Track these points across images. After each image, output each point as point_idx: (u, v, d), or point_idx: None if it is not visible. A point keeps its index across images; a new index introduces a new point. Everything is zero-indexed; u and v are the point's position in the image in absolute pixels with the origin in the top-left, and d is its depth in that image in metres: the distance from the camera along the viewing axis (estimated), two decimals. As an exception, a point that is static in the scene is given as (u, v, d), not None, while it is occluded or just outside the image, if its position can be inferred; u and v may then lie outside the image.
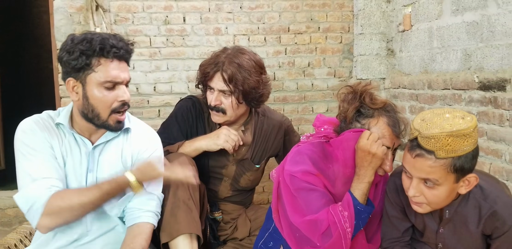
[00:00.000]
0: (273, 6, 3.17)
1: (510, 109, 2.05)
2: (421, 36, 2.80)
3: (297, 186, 1.40)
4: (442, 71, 2.58)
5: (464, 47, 2.38)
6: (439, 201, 1.27)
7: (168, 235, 1.62)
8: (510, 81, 2.04)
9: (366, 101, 1.42)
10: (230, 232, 2.01)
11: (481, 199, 1.33)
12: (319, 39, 3.25)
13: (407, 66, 3.00)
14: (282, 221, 1.51)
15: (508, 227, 1.30)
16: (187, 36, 3.10)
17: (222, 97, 1.90)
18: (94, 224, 1.55)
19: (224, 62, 1.86)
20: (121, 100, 1.49)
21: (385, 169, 1.42)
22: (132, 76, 3.02)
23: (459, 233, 1.37)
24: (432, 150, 1.20)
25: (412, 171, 1.26)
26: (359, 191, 1.35)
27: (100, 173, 1.55)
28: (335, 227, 1.32)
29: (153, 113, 3.11)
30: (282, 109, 3.22)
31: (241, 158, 2.04)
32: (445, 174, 1.22)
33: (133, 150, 1.60)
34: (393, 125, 1.41)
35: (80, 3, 2.95)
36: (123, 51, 1.48)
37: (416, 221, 1.45)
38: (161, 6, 3.05)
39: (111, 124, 1.51)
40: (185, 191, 1.68)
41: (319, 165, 1.43)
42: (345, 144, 1.39)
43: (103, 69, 1.45)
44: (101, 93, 1.46)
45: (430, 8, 2.67)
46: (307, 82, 3.26)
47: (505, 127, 2.09)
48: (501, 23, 2.12)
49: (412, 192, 1.27)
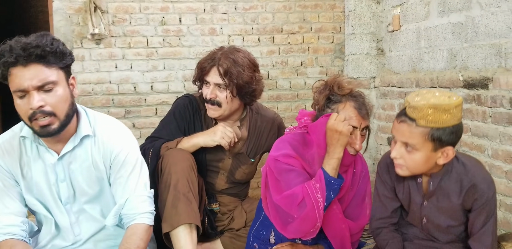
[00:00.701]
0: (267, 7, 3.26)
1: (492, 106, 2.15)
2: (409, 36, 2.90)
3: (279, 169, 1.55)
4: (429, 70, 2.68)
5: (450, 47, 2.48)
6: (416, 166, 1.41)
7: (169, 225, 1.73)
8: (492, 79, 2.14)
9: (335, 89, 1.59)
10: (227, 222, 2.11)
11: (463, 174, 1.46)
12: (312, 39, 3.35)
13: (396, 65, 3.10)
14: (269, 205, 1.63)
15: (485, 199, 1.43)
16: (183, 36, 3.18)
17: (217, 91, 2.02)
18: (84, 229, 1.61)
19: (220, 58, 1.99)
20: (31, 108, 1.40)
21: (355, 148, 1.57)
22: (129, 75, 3.16)
23: (442, 206, 1.49)
24: (415, 118, 1.36)
25: (396, 135, 1.43)
26: (329, 166, 1.50)
27: (75, 181, 1.56)
28: (308, 198, 1.46)
29: (150, 112, 3.20)
30: (275, 107, 3.32)
31: (237, 152, 2.14)
32: (423, 141, 1.37)
33: (104, 154, 1.57)
34: (359, 108, 1.57)
35: (79, 5, 3.03)
36: (21, 56, 1.36)
37: (403, 197, 1.56)
38: (157, 7, 3.13)
39: (37, 130, 1.44)
40: (185, 184, 1.78)
41: (299, 150, 1.59)
42: (318, 128, 1.55)
43: (11, 80, 1.40)
44: (16, 101, 1.42)
45: (418, 9, 2.78)
46: (300, 81, 3.36)
47: (487, 123, 2.19)
48: (484, 24, 2.22)
49: (394, 154, 1.43)
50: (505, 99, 2.07)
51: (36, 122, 1.42)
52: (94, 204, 1.60)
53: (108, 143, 1.57)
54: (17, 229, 1.50)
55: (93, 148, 1.57)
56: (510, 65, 2.08)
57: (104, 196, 1.61)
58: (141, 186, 1.60)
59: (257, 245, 1.75)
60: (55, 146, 1.53)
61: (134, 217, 1.56)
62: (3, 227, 1.48)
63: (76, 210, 1.59)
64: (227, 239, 2.03)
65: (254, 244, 1.75)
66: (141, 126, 3.17)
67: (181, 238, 1.73)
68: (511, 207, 2.09)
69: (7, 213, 1.51)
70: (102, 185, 1.59)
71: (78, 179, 1.56)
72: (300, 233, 1.54)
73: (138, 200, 1.58)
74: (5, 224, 1.49)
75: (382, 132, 3.25)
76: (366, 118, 1.58)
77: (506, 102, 2.06)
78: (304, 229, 1.51)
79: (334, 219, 1.55)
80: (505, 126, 2.09)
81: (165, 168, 1.84)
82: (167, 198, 1.77)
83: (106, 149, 1.57)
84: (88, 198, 1.59)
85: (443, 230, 1.52)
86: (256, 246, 1.75)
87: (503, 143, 2.11)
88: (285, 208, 1.52)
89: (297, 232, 1.54)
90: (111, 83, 3.12)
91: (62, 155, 1.54)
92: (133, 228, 1.54)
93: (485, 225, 1.44)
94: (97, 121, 1.60)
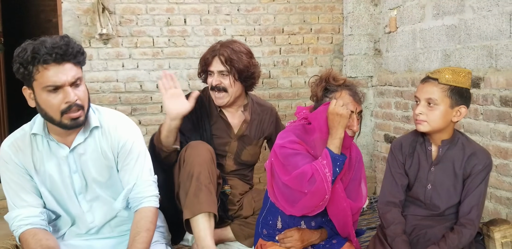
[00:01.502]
0: (268, 9, 3.38)
1: (484, 104, 2.28)
2: (405, 38, 3.03)
3: (286, 154, 1.72)
4: (424, 70, 2.81)
5: (444, 48, 2.61)
6: (436, 119, 1.66)
7: (191, 212, 1.89)
8: (484, 79, 2.27)
9: (330, 80, 1.78)
10: (237, 208, 2.26)
11: (466, 144, 1.72)
12: (311, 40, 3.47)
13: (393, 65, 3.23)
14: (276, 191, 1.78)
15: (483, 165, 1.67)
16: (187, 36, 3.30)
17: (221, 78, 2.22)
18: (97, 216, 1.71)
19: (219, 49, 2.22)
20: (67, 102, 1.50)
21: (353, 129, 1.76)
22: (136, 74, 3.27)
23: (446, 172, 1.71)
24: (437, 77, 1.65)
25: (420, 94, 1.69)
26: (333, 145, 1.69)
27: (86, 171, 1.65)
28: (317, 173, 1.63)
29: (156, 109, 3.31)
30: (277, 105, 3.44)
31: (242, 134, 2.33)
32: (443, 97, 1.64)
33: (112, 144, 1.67)
34: (353, 95, 1.76)
35: (87, 6, 3.13)
36: (57, 55, 1.46)
37: (411, 169, 1.78)
38: (163, 8, 3.24)
39: (66, 123, 1.53)
40: (207, 176, 1.95)
41: (301, 136, 1.77)
42: (319, 115, 1.74)
43: (41, 76, 1.47)
44: (48, 97, 1.49)
45: (414, 12, 2.90)
46: (300, 80, 3.48)
47: (479, 120, 2.33)
48: (476, 26, 2.35)
49: (418, 110, 1.68)
50: (495, 97, 2.20)
51: (69, 115, 1.52)
52: (106, 190, 1.71)
53: (115, 133, 1.68)
54: (37, 219, 1.61)
55: (101, 138, 1.67)
56: (501, 65, 2.21)
57: (114, 182, 1.72)
58: (147, 172, 1.72)
59: (265, 231, 1.88)
60: (65, 140, 1.63)
61: (141, 200, 1.67)
62: (23, 219, 1.59)
63: (89, 198, 1.69)
64: (237, 226, 2.18)
65: (263, 230, 1.89)
66: (147, 123, 3.29)
67: (200, 225, 1.88)
68: (500, 199, 2.22)
69: (25, 205, 1.62)
70: (112, 172, 1.70)
71: (90, 169, 1.65)
72: (309, 208, 1.69)
73: (145, 185, 1.69)
74: (25, 216, 1.59)
75: (379, 129, 3.38)
76: (360, 104, 1.78)
77: (496, 100, 2.20)
78: (314, 202, 1.66)
79: (336, 197, 1.70)
80: (495, 123, 2.22)
81: (188, 159, 1.98)
82: (189, 188, 1.92)
83: (113, 139, 1.67)
84: (100, 185, 1.70)
85: (444, 195, 1.71)
86: (264, 232, 1.89)
87: (493, 139, 2.24)
88: (295, 186, 1.67)
89: (306, 208, 1.69)
90: (118, 81, 3.24)
91: (73, 147, 1.63)
92: (141, 212, 1.65)
93: (477, 188, 1.66)
94: (101, 114, 1.70)
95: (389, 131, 3.24)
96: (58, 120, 1.54)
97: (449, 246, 1.60)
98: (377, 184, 3.47)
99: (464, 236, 1.62)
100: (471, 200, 1.66)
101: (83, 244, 1.68)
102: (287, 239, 1.79)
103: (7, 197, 1.65)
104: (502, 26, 2.18)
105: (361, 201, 1.82)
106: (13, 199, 1.63)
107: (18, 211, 1.61)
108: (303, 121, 1.83)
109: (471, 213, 1.65)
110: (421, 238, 1.70)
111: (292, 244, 1.79)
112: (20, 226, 1.58)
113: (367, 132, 3.48)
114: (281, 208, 1.78)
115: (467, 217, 1.65)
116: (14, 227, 1.60)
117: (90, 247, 1.67)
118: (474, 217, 1.65)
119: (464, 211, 1.67)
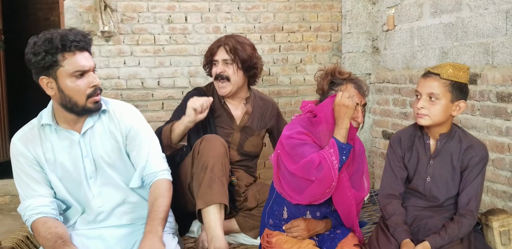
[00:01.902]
0: (268, 7, 3.43)
1: (480, 100, 2.34)
2: (403, 36, 3.08)
3: (293, 144, 1.78)
4: (422, 67, 2.87)
5: (441, 45, 2.67)
6: (438, 113, 1.71)
7: (204, 203, 1.95)
8: (481, 75, 2.33)
9: (336, 74, 1.84)
10: (242, 200, 2.32)
11: (463, 137, 1.79)
12: (311, 38, 3.52)
13: (391, 62, 3.28)
14: (283, 181, 1.83)
15: (480, 157, 1.74)
16: (188, 34, 3.34)
17: (225, 67, 2.32)
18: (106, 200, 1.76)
19: (224, 40, 2.34)
20: (93, 86, 1.65)
21: (358, 121, 1.82)
22: (137, 71, 3.31)
23: (444, 165, 1.77)
24: (438, 72, 1.70)
25: (421, 89, 1.73)
26: (340, 135, 1.75)
27: (96, 155, 1.74)
28: (325, 161, 1.69)
29: (157, 106, 3.35)
30: (276, 102, 3.46)
31: (244, 125, 2.41)
32: (445, 92, 1.69)
33: (121, 127, 1.77)
34: (358, 87, 1.82)
35: (89, 3, 3.17)
36: (83, 42, 1.62)
37: (410, 162, 1.83)
38: (164, 6, 3.28)
39: (91, 107, 1.67)
40: (221, 168, 2.02)
41: (308, 128, 1.83)
42: (325, 107, 1.80)
43: (69, 62, 1.59)
44: (74, 83, 1.61)
45: (412, 10, 2.96)
46: (299, 77, 3.53)
47: (476, 116, 2.38)
48: (473, 24, 2.41)
49: (420, 104, 1.72)
50: (492, 93, 2.26)
51: (93, 99, 1.66)
52: (116, 172, 1.78)
53: (122, 117, 1.79)
54: (47, 208, 1.67)
55: (109, 122, 1.77)
56: (497, 62, 2.26)
57: (123, 164, 1.79)
58: (156, 149, 1.84)
59: (271, 221, 1.93)
60: (73, 127, 1.72)
61: (155, 175, 1.78)
62: (34, 208, 1.66)
63: (100, 183, 1.76)
64: (242, 218, 2.25)
65: (269, 220, 1.94)
66: (148, 120, 3.26)
67: (211, 215, 1.94)
68: (497, 192, 2.28)
69: (35, 195, 1.68)
70: (121, 155, 1.78)
71: (100, 152, 1.74)
72: (316, 196, 1.74)
73: (156, 161, 1.81)
74: (36, 205, 1.66)
75: (377, 126, 3.44)
76: (364, 97, 1.84)
77: (493, 96, 2.26)
78: (321, 190, 1.72)
79: (341, 186, 1.76)
80: (492, 118, 2.28)
81: (203, 151, 2.04)
82: (203, 179, 1.98)
83: (121, 123, 1.78)
84: (110, 167, 1.77)
85: (443, 187, 1.77)
86: (271, 222, 1.94)
87: (490, 134, 2.30)
88: (302, 174, 1.73)
89: (313, 195, 1.74)
90: (120, 78, 3.27)
91: (84, 132, 1.72)
92: (157, 183, 1.76)
93: (474, 180, 1.72)
94: (106, 101, 1.81)
95: (387, 127, 3.29)
96: (82, 105, 1.65)
97: (449, 235, 1.65)
98: (375, 179, 3.53)
99: (463, 226, 1.67)
100: (469, 191, 1.72)
101: (94, 233, 1.73)
102: (294, 228, 1.84)
103: (19, 189, 1.71)
104: (498, 24, 2.23)
105: (364, 192, 1.89)
106: (24, 190, 1.70)
107: (30, 201, 1.68)
108: (308, 115, 1.89)
109: (470, 204, 1.71)
110: (421, 227, 1.76)
111: (299, 234, 1.84)
112: (32, 215, 1.65)
113: (365, 129, 3.54)
114: (287, 198, 1.83)
115: (466, 207, 1.71)
116: (26, 217, 1.66)
117: (100, 237, 1.71)
118: (473, 208, 1.71)
119: (463, 202, 1.73)
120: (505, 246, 1.73)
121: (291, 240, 1.83)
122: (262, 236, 1.95)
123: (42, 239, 1.60)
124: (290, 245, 1.80)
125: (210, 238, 1.92)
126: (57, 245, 1.55)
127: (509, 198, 2.20)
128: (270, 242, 1.87)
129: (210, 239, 1.92)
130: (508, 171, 2.19)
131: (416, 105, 1.75)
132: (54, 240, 1.57)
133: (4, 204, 3.39)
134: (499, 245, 1.73)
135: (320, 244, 1.86)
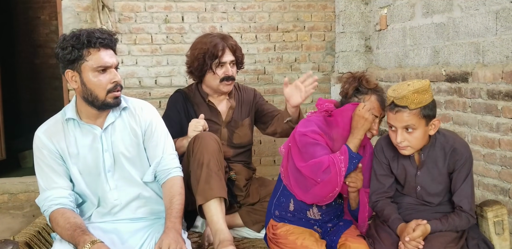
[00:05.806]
0: (263, 7, 3.49)
1: (472, 98, 2.42)
2: (395, 35, 3.16)
3: (306, 142, 1.82)
4: (414, 66, 2.95)
5: (433, 45, 2.75)
6: (418, 142, 1.73)
7: (204, 198, 1.99)
8: (472, 74, 2.41)
9: (363, 82, 1.88)
10: (244, 195, 2.39)
11: (444, 142, 1.80)
12: (305, 37, 3.60)
13: (384, 61, 3.37)
14: (291, 175, 1.89)
15: (464, 159, 1.77)
16: (185, 34, 3.39)
17: (231, 68, 2.42)
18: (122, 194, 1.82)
19: (225, 41, 2.38)
20: (114, 82, 1.73)
21: (373, 133, 1.87)
22: (135, 70, 3.35)
23: (432, 173, 1.81)
24: (406, 105, 1.68)
25: (395, 124, 1.73)
26: (352, 144, 1.80)
27: (116, 149, 1.81)
28: (333, 166, 1.74)
29: (154, 105, 3.22)
30: (271, 100, 3.54)
31: (229, 120, 2.49)
32: (418, 120, 1.70)
33: (140, 123, 1.86)
34: (381, 101, 1.87)
35: (87, 3, 3.20)
36: (107, 40, 1.71)
37: (399, 173, 1.86)
38: (161, 6, 3.33)
39: (110, 101, 1.74)
40: (216, 163, 2.06)
41: (323, 129, 1.87)
42: (345, 113, 1.84)
43: (93, 58, 1.68)
44: (96, 77, 1.70)
45: (404, 10, 3.04)
46: (294, 76, 3.59)
47: (467, 113, 2.47)
48: (464, 24, 2.49)
49: (399, 139, 1.73)
50: (482, 91, 2.34)
51: (113, 94, 1.74)
52: (133, 167, 1.85)
53: (141, 114, 1.88)
54: (66, 200, 1.74)
55: (129, 118, 1.85)
56: (487, 61, 2.35)
57: (140, 159, 1.87)
58: (170, 147, 1.94)
59: (277, 212, 2.00)
60: (95, 122, 1.80)
61: (169, 171, 1.87)
62: (54, 199, 1.72)
63: (117, 177, 1.82)
64: (245, 213, 2.31)
65: (275, 211, 2.01)
66: (146, 118, 3.36)
67: (213, 210, 1.98)
68: (488, 186, 2.37)
69: (56, 187, 1.75)
70: (139, 149, 1.86)
71: (119, 147, 1.81)
72: (320, 197, 1.80)
73: (170, 158, 1.90)
74: (56, 197, 1.73)
75: (370, 123, 3.52)
76: (383, 110, 1.88)
77: (483, 94, 2.34)
78: (324, 192, 1.77)
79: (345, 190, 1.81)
80: (482, 115, 2.36)
81: (197, 148, 2.08)
82: (200, 175, 2.02)
83: (141, 118, 1.87)
84: (128, 161, 1.84)
85: (434, 194, 1.83)
86: (277, 213, 2.01)
87: (481, 130, 2.39)
88: (309, 174, 1.78)
89: (317, 197, 1.80)
90: (118, 77, 3.30)
91: (106, 127, 1.80)
92: (172, 180, 1.86)
93: (465, 180, 1.77)
94: (125, 98, 1.89)
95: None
96: (102, 99, 1.72)
97: (449, 224, 1.72)
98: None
99: (463, 220, 1.74)
100: (462, 193, 1.77)
101: (109, 227, 1.78)
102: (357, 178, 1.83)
103: (39, 180, 1.77)
104: (489, 24, 2.32)
105: None
106: (44, 181, 1.76)
107: (49, 192, 1.74)
108: (324, 113, 1.93)
109: (465, 206, 1.76)
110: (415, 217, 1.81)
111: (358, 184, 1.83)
112: (51, 206, 1.71)
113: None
114: (293, 193, 1.89)
115: (462, 209, 1.76)
116: (45, 207, 1.72)
117: (115, 230, 1.77)
118: (468, 209, 1.76)
119: (459, 205, 1.77)
120: (499, 235, 1.81)
121: (296, 232, 1.89)
122: (268, 227, 2.01)
123: (61, 229, 1.66)
124: (296, 236, 1.86)
125: (214, 232, 1.97)
126: (76, 233, 1.61)
127: (500, 191, 2.28)
128: (276, 233, 1.93)
129: (214, 233, 1.97)
130: (499, 165, 2.28)
131: (394, 138, 1.75)
132: (73, 229, 1.63)
133: (2, 202, 3.39)
134: (493, 235, 1.82)
135: (323, 236, 1.92)
